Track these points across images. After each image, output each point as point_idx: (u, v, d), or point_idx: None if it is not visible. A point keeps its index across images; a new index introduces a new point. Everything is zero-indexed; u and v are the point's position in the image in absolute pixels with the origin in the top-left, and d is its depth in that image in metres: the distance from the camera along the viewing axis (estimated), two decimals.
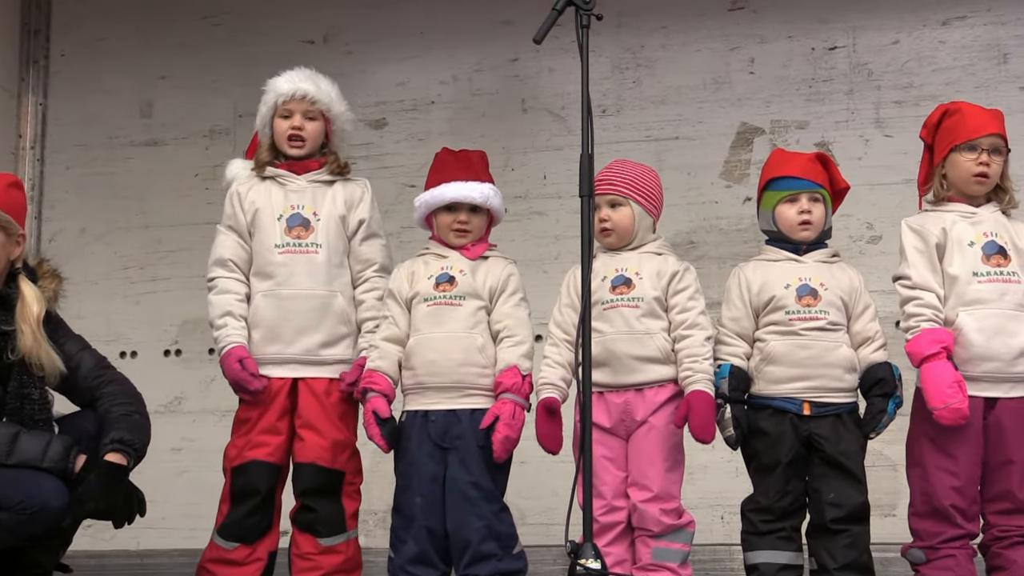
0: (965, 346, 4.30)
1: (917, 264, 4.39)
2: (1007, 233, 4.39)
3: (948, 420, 4.22)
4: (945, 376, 4.22)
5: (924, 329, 4.30)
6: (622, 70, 6.28)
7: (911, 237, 4.43)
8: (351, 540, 4.64)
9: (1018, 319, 4.32)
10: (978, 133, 4.41)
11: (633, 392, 4.42)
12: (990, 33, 5.94)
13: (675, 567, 4.36)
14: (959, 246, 4.37)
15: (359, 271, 4.72)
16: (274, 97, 4.72)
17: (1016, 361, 4.30)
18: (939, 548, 4.31)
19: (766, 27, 6.16)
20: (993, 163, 4.40)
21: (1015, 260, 4.36)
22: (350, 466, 4.64)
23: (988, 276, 4.34)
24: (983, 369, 4.30)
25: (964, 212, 4.43)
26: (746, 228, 5.86)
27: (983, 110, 4.49)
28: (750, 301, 4.47)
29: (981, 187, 4.43)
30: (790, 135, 6.06)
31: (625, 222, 4.53)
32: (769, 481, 4.38)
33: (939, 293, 4.36)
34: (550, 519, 5.45)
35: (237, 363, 4.55)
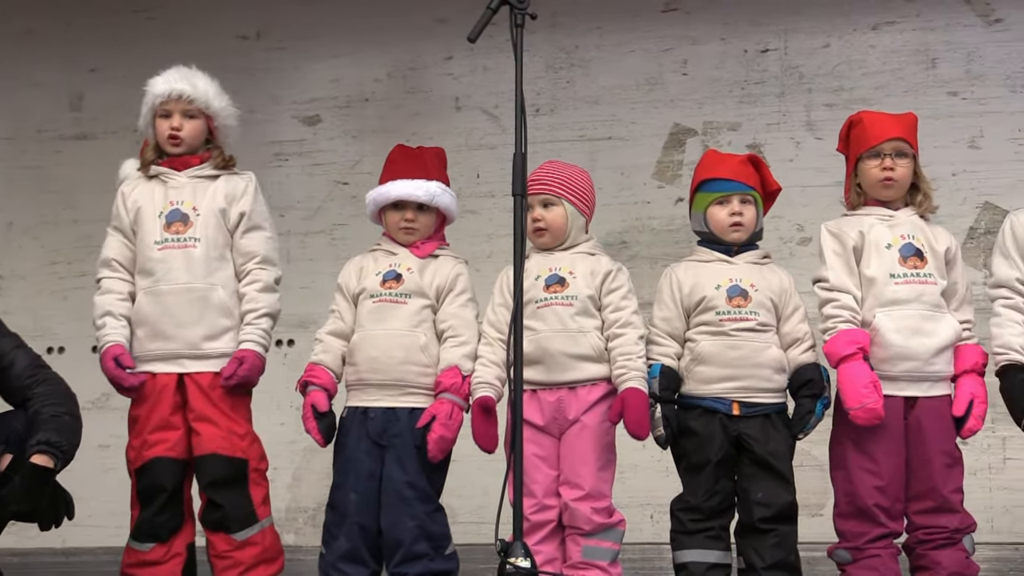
0: (883, 346, 4.35)
1: (835, 267, 4.44)
2: (924, 236, 4.45)
3: (863, 420, 4.27)
4: (861, 376, 4.27)
5: (841, 330, 4.35)
6: (556, 70, 6.29)
7: (829, 240, 4.48)
8: (266, 529, 4.61)
9: (935, 319, 4.37)
10: (879, 139, 4.46)
11: (566, 390, 4.43)
12: (919, 38, 6.01)
13: (605, 566, 4.38)
14: (876, 249, 4.42)
15: (241, 264, 4.69)
16: (152, 98, 4.71)
17: (933, 360, 4.36)
18: (864, 548, 4.35)
19: (699, 29, 6.20)
20: (898, 166, 4.45)
21: (931, 262, 4.41)
22: (252, 452, 4.61)
23: (905, 278, 4.39)
24: (901, 369, 4.35)
25: (882, 216, 4.48)
26: (678, 229, 5.89)
27: (884, 116, 4.55)
28: (681, 301, 4.49)
29: (890, 191, 4.48)
30: (722, 136, 6.10)
31: (558, 222, 4.54)
32: (698, 480, 4.40)
33: (856, 295, 4.40)
34: (481, 518, 5.45)
35: (112, 361, 4.54)
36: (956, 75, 5.95)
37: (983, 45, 5.94)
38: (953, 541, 4.34)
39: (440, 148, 4.77)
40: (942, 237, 4.49)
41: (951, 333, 4.38)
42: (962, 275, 4.48)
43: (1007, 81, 5.91)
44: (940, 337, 4.36)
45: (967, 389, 4.36)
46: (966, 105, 5.91)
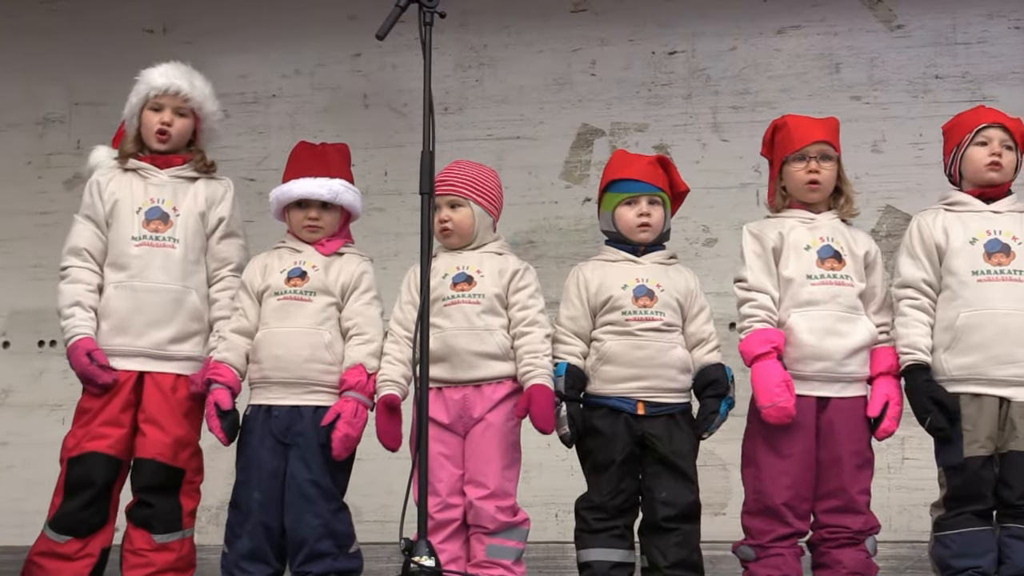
0: (797, 346, 4.40)
1: (753, 267, 4.48)
2: (843, 239, 4.50)
3: (774, 419, 4.31)
4: (773, 375, 4.31)
5: (756, 329, 4.39)
6: (465, 68, 6.29)
7: (750, 241, 4.52)
8: (186, 539, 4.58)
9: (849, 320, 4.43)
10: (804, 142, 4.51)
11: (471, 388, 4.43)
12: (823, 43, 6.08)
13: (509, 564, 4.38)
14: (795, 250, 4.47)
15: (215, 269, 4.67)
16: (146, 89, 4.66)
17: (846, 361, 4.41)
18: (769, 547, 4.39)
19: (608, 30, 6.22)
20: (823, 169, 4.51)
21: (850, 264, 4.46)
22: (191, 464, 4.58)
23: (821, 279, 4.44)
24: (814, 369, 4.40)
25: (803, 218, 4.53)
26: (585, 228, 5.92)
27: (809, 120, 4.60)
28: (588, 301, 4.51)
29: (815, 194, 4.53)
30: (630, 137, 6.13)
31: (465, 223, 4.54)
32: (603, 479, 4.42)
33: (773, 295, 4.45)
34: (386, 516, 5.43)
35: (85, 356, 4.48)
36: (859, 80, 6.03)
37: (885, 51, 6.02)
38: (856, 541, 4.39)
39: (344, 144, 4.75)
40: (862, 240, 4.54)
41: (866, 335, 4.43)
42: (881, 279, 4.53)
43: (908, 86, 5.99)
44: (854, 338, 4.42)
45: (883, 391, 4.42)
46: (869, 110, 5.98)
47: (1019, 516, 4.29)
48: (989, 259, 4.37)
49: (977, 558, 4.28)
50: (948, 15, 5.98)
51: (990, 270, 4.36)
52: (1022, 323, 4.32)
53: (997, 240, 4.38)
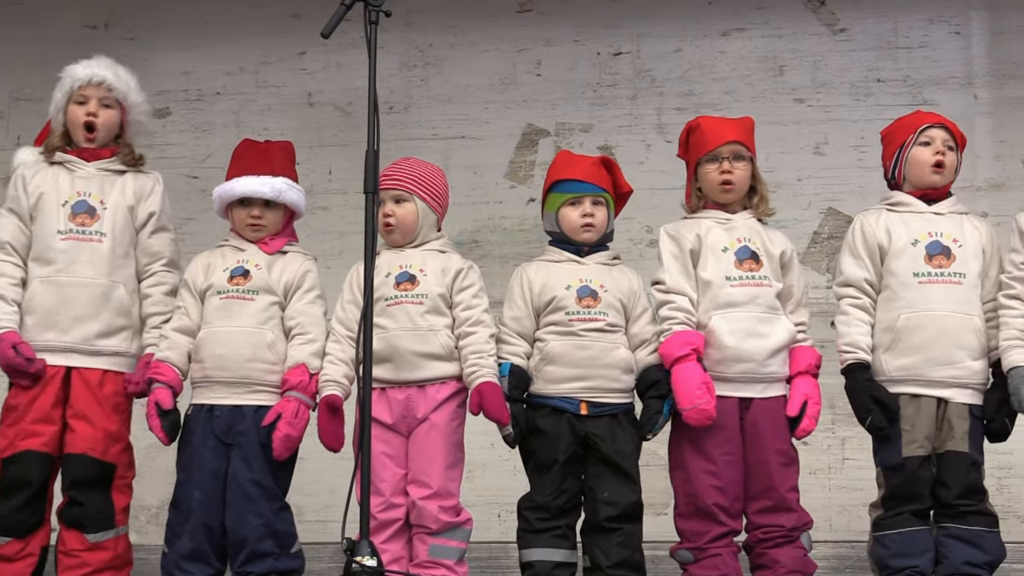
0: (718, 348, 4.42)
1: (671, 269, 4.50)
2: (760, 239, 4.52)
3: (695, 421, 4.33)
4: (693, 377, 4.33)
5: (675, 332, 4.41)
6: (410, 68, 6.28)
7: (668, 243, 4.54)
8: (120, 536, 4.53)
9: (769, 321, 4.45)
10: (716, 143, 4.53)
11: (415, 388, 4.43)
12: (767, 45, 6.11)
13: (451, 564, 4.38)
14: (713, 252, 4.49)
15: (146, 264, 4.63)
16: (70, 82, 4.62)
17: (768, 362, 4.43)
18: (706, 548, 4.40)
19: (553, 30, 6.23)
20: (736, 170, 4.53)
21: (767, 265, 4.49)
22: (122, 459, 4.54)
23: (740, 280, 4.46)
24: (736, 370, 4.42)
25: (719, 219, 4.55)
26: (529, 228, 5.92)
27: (722, 121, 4.63)
28: (531, 301, 4.51)
29: (729, 194, 4.55)
30: (574, 138, 6.13)
31: (409, 218, 4.53)
32: (546, 479, 4.43)
33: (692, 297, 4.47)
34: (328, 516, 5.42)
35: (11, 349, 4.42)
36: (802, 83, 6.06)
37: (828, 54, 6.06)
38: (791, 539, 4.42)
39: (288, 143, 4.73)
40: (778, 240, 4.56)
41: (785, 335, 4.46)
42: (798, 278, 4.57)
43: (851, 89, 6.03)
44: (774, 339, 4.44)
45: (801, 390, 4.45)
46: (812, 112, 6.02)
47: (956, 516, 4.34)
48: (930, 261, 4.41)
49: (915, 557, 4.32)
50: (890, 19, 6.03)
51: (931, 272, 4.40)
52: (961, 325, 4.36)
53: (938, 242, 4.42)
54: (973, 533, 4.32)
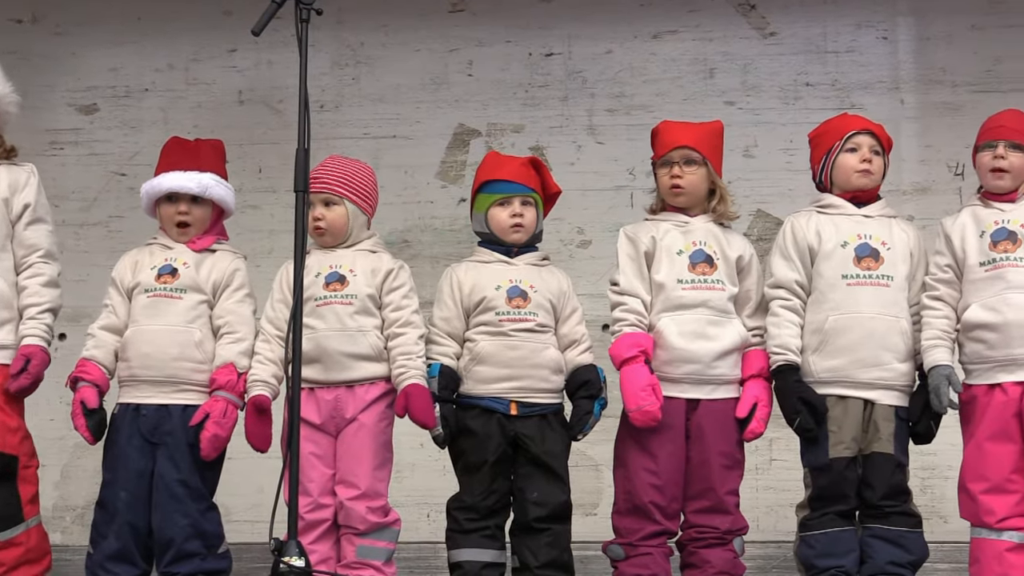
0: (666, 348, 4.44)
1: (627, 270, 4.52)
2: (717, 243, 4.54)
3: (640, 422, 4.35)
4: (640, 379, 4.35)
5: (625, 333, 4.43)
6: (341, 66, 6.25)
7: (625, 244, 4.56)
8: (32, 529, 4.46)
9: (718, 324, 4.48)
10: (668, 148, 4.56)
11: (344, 389, 4.41)
12: (698, 48, 6.13)
13: (379, 565, 4.38)
14: (668, 254, 4.51)
15: (23, 256, 4.54)
16: None
17: (715, 364, 4.46)
18: (638, 545, 4.42)
19: (485, 30, 6.22)
20: (687, 174, 4.55)
21: (722, 268, 4.51)
22: (23, 449, 4.45)
23: (692, 283, 4.49)
24: (683, 371, 4.44)
25: (678, 222, 4.57)
26: (460, 229, 5.91)
27: (676, 125, 4.65)
28: (461, 301, 4.51)
29: (680, 198, 4.57)
30: (506, 138, 6.14)
31: (339, 221, 4.52)
32: (475, 480, 4.43)
33: (645, 299, 4.49)
34: (256, 516, 5.39)
35: None
36: (732, 85, 6.10)
37: (758, 58, 6.10)
38: (724, 541, 4.45)
39: (218, 140, 4.70)
40: (737, 244, 4.58)
41: (736, 338, 4.48)
42: (757, 282, 4.58)
43: (780, 93, 6.07)
44: (723, 342, 4.47)
45: (752, 392, 4.47)
46: (742, 115, 6.05)
47: (880, 516, 4.39)
48: (858, 263, 4.45)
49: (840, 557, 4.36)
50: (819, 24, 6.08)
51: (859, 274, 4.44)
52: (888, 327, 4.41)
53: (867, 244, 4.46)
54: (897, 533, 4.37)
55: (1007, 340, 4.30)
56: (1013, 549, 4.28)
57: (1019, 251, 4.34)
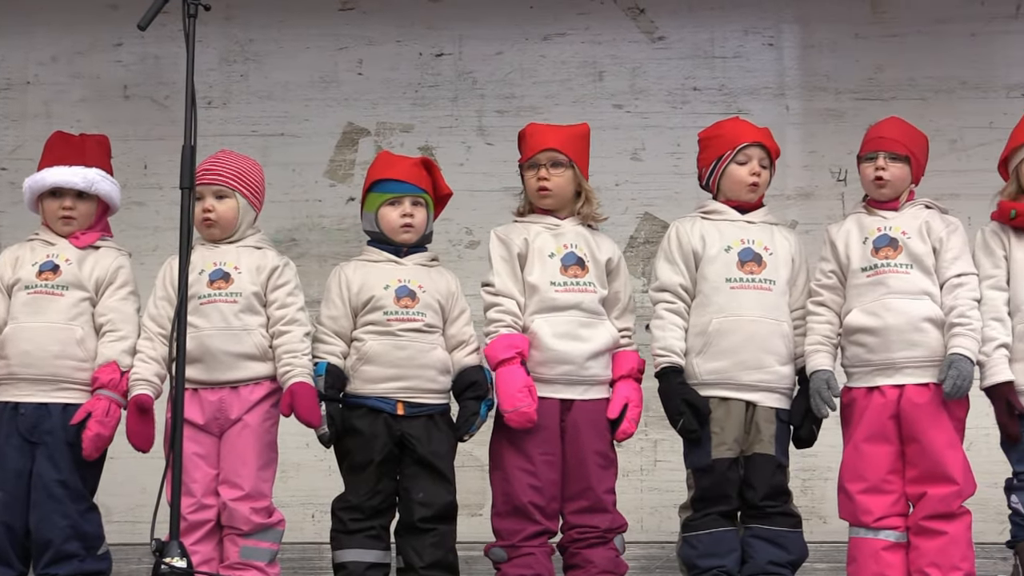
0: (540, 349, 4.46)
1: (500, 272, 4.54)
2: (587, 245, 4.58)
3: (516, 423, 4.38)
4: (516, 380, 4.38)
5: (501, 334, 4.45)
6: (230, 63, 6.20)
7: (497, 246, 4.58)
8: None
9: (591, 325, 4.51)
10: (534, 151, 4.59)
11: (228, 389, 4.39)
12: (587, 51, 6.17)
13: (262, 566, 4.36)
14: (540, 256, 4.54)
15: None
16: None
17: (588, 364, 4.49)
18: (519, 547, 4.44)
19: (375, 29, 6.21)
20: (553, 176, 4.58)
21: (592, 271, 4.55)
22: None
23: (565, 286, 4.51)
24: (557, 372, 4.47)
25: (548, 224, 4.60)
26: (348, 228, 5.89)
27: (544, 128, 4.68)
28: (349, 300, 4.50)
29: (547, 200, 4.60)
30: (395, 138, 6.13)
31: (229, 215, 4.49)
32: (360, 480, 4.42)
33: (519, 300, 4.51)
34: (137, 517, 5.33)
35: None
36: (621, 88, 6.14)
37: (647, 61, 6.15)
38: (605, 540, 4.48)
39: (103, 136, 4.65)
40: (605, 246, 4.62)
41: (607, 339, 4.52)
42: (625, 284, 4.63)
43: (668, 97, 6.13)
44: (596, 343, 4.50)
45: (623, 393, 4.51)
46: (630, 118, 6.10)
47: (761, 517, 4.44)
48: (742, 267, 4.50)
49: (721, 557, 4.41)
50: (707, 29, 6.14)
51: (742, 278, 4.50)
52: (770, 330, 4.47)
53: (750, 249, 4.52)
54: (777, 533, 4.43)
55: (886, 344, 4.38)
56: (889, 548, 4.37)
57: (900, 257, 4.43)
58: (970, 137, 5.94)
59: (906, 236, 4.44)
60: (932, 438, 4.35)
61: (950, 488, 4.33)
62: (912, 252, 4.42)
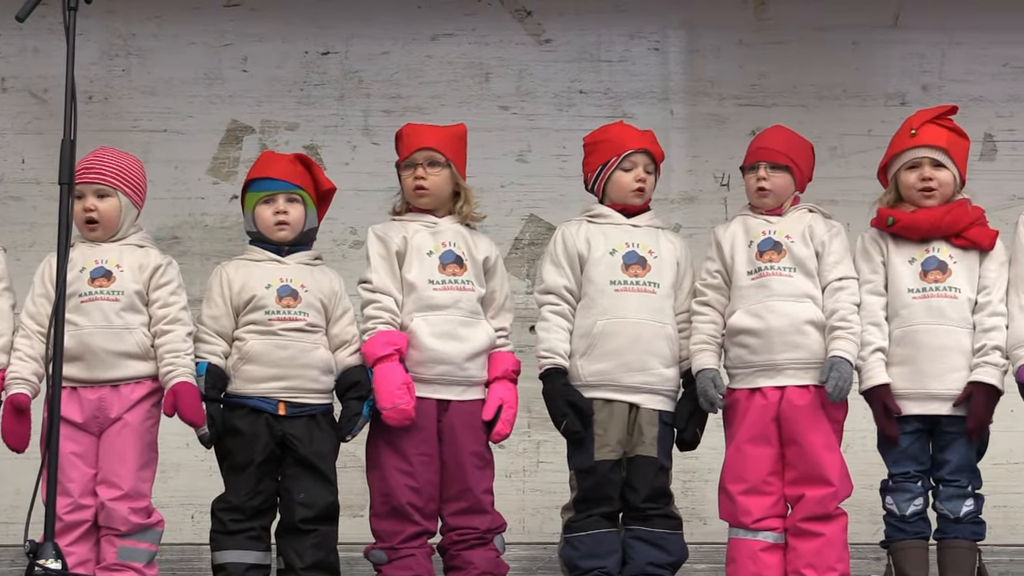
0: (419, 349, 4.46)
1: (379, 269, 4.53)
2: (465, 244, 4.59)
3: (394, 420, 4.37)
4: (394, 377, 4.38)
5: (379, 331, 4.45)
6: (111, 57, 6.11)
7: (375, 243, 4.57)
8: None
9: (470, 325, 4.52)
10: (411, 150, 4.60)
11: (108, 388, 4.33)
12: (474, 52, 6.17)
13: (140, 567, 4.31)
14: (419, 255, 4.54)
15: None
16: None
17: (466, 365, 4.50)
18: (399, 548, 4.44)
19: (261, 26, 6.16)
20: (431, 176, 4.58)
21: (470, 269, 4.56)
22: None
23: (443, 284, 4.52)
24: (435, 372, 4.48)
25: (427, 223, 4.60)
26: (231, 226, 5.83)
27: (418, 128, 4.69)
28: (231, 299, 4.47)
29: (423, 200, 4.60)
30: (280, 136, 6.08)
31: (111, 214, 4.43)
32: (241, 480, 4.39)
33: (397, 298, 4.51)
34: (11, 518, 5.23)
35: None
36: (508, 90, 6.15)
37: (533, 63, 6.16)
38: (484, 541, 4.49)
39: None
40: (483, 246, 4.63)
41: (485, 339, 4.53)
42: (501, 284, 4.65)
43: (554, 99, 6.15)
44: (474, 343, 4.51)
45: (498, 394, 4.53)
46: (516, 120, 6.11)
47: (642, 518, 4.48)
48: (626, 270, 4.54)
49: (602, 558, 4.44)
50: (593, 32, 6.17)
51: (627, 280, 4.53)
52: (654, 333, 4.51)
53: (635, 252, 4.56)
54: (657, 535, 4.47)
55: (768, 346, 4.45)
56: (767, 549, 4.43)
57: (783, 261, 4.49)
58: (850, 144, 6.04)
59: (790, 240, 4.50)
60: (810, 440, 4.42)
61: (827, 490, 4.40)
62: (795, 256, 4.49)
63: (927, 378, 4.42)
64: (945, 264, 4.48)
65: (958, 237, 4.50)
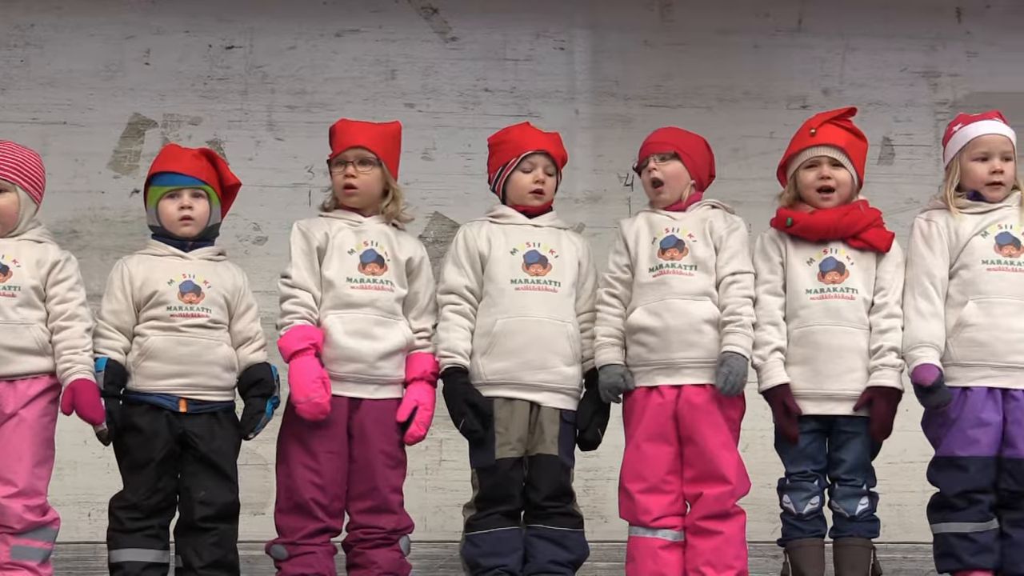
0: (332, 346, 4.46)
1: (299, 264, 4.52)
2: (389, 244, 4.58)
3: (309, 414, 4.37)
4: (310, 371, 4.37)
5: (296, 326, 4.44)
6: (9, 48, 6.04)
7: (298, 238, 4.56)
8: None
9: (385, 324, 4.51)
10: (343, 147, 4.60)
11: (4, 384, 4.29)
12: (380, 49, 6.17)
13: (35, 566, 4.27)
14: (339, 252, 4.53)
15: None
16: None
17: (379, 364, 4.50)
18: (300, 544, 4.43)
19: (164, 19, 6.11)
20: (361, 174, 4.58)
21: (391, 269, 4.55)
22: None
23: (361, 283, 4.51)
24: (347, 370, 4.47)
25: (351, 221, 4.60)
26: (132, 220, 5.78)
27: (351, 125, 4.67)
28: (132, 295, 4.43)
29: (353, 198, 4.60)
30: (183, 130, 6.04)
31: (11, 208, 4.39)
32: (140, 478, 4.36)
33: (316, 294, 4.50)
34: None
35: None
36: (413, 87, 6.16)
37: (439, 61, 6.17)
38: (390, 541, 4.49)
39: None
40: (408, 246, 4.63)
41: (401, 339, 4.53)
42: (426, 285, 4.63)
43: (460, 97, 6.17)
44: (389, 342, 4.51)
45: (414, 396, 4.53)
46: (421, 117, 6.11)
47: (543, 516, 4.51)
48: (527, 269, 4.56)
49: (504, 556, 4.45)
50: (499, 31, 6.19)
51: (527, 279, 4.55)
52: (555, 332, 4.53)
53: (536, 252, 4.58)
54: (559, 533, 4.50)
55: (666, 344, 4.48)
56: (667, 547, 4.47)
57: (684, 259, 4.53)
58: (752, 146, 6.11)
59: (692, 239, 4.54)
60: (707, 439, 4.46)
61: (724, 488, 4.45)
62: (696, 255, 4.53)
63: (824, 378, 4.48)
64: (843, 265, 4.54)
65: (855, 239, 4.56)
